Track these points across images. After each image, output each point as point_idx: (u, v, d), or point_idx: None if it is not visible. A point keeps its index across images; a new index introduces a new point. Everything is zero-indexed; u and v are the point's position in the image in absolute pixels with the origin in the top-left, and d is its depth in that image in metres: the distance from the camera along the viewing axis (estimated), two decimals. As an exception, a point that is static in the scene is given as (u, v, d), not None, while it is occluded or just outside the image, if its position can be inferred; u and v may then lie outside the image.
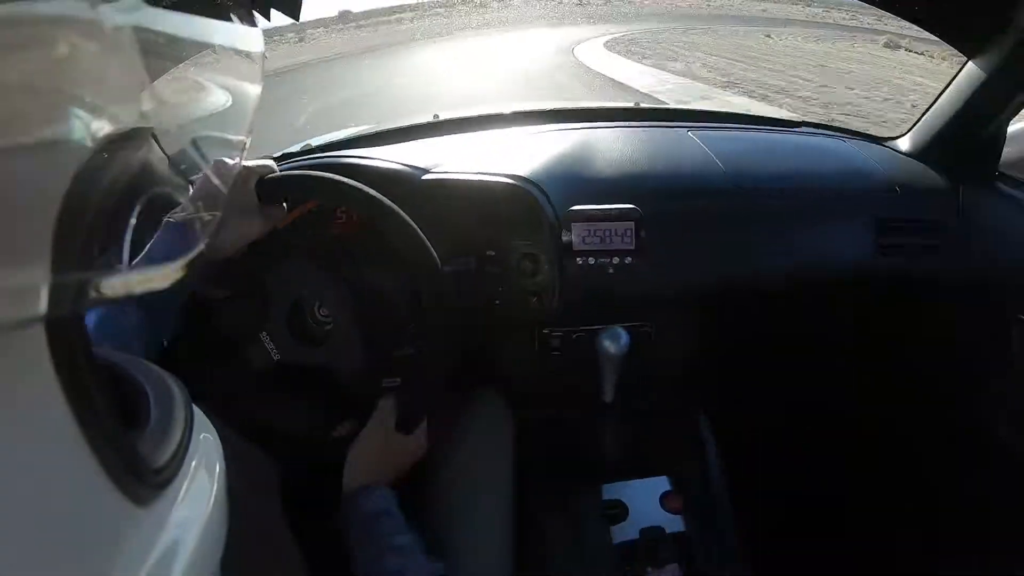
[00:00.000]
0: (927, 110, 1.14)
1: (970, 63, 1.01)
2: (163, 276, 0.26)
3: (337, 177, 0.75)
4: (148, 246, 0.61)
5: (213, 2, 0.35)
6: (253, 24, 0.38)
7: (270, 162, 0.77)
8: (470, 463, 0.88)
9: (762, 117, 1.41)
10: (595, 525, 0.89)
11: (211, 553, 0.33)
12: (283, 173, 0.76)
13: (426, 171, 0.96)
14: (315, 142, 1.16)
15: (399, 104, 7.21)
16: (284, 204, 0.79)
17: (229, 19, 0.36)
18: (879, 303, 1.17)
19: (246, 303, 0.82)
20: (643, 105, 1.38)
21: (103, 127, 0.23)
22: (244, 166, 0.73)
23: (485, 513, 0.84)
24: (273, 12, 0.85)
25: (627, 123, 1.18)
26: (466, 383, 0.96)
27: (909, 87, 8.06)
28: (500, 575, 0.80)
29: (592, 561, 0.86)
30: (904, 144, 1.20)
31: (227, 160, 0.63)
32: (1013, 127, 1.06)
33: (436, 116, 1.22)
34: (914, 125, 1.18)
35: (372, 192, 0.74)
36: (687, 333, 1.00)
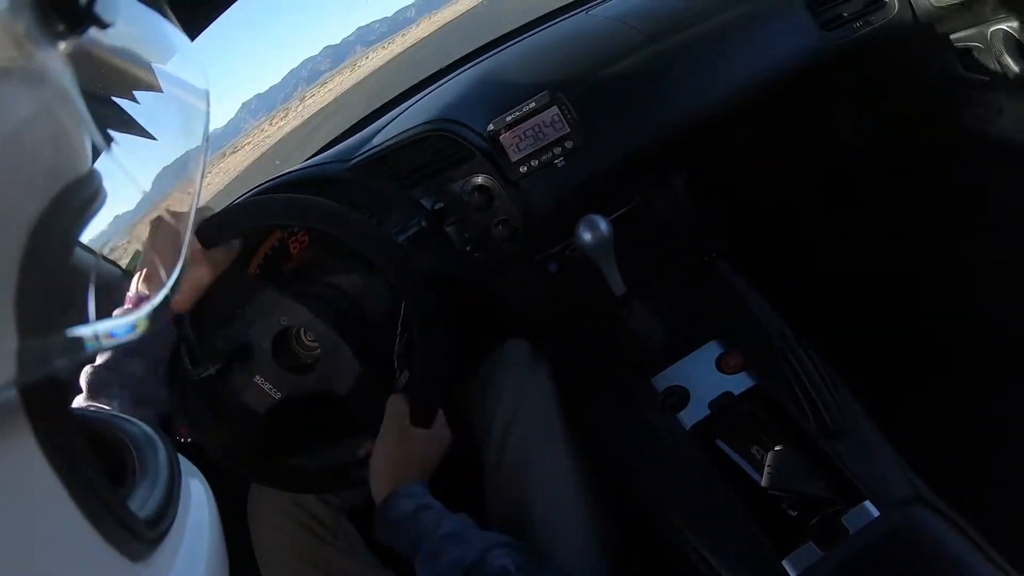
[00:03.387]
0: None
1: None
2: (130, 325, 0.25)
3: (259, 199, 0.72)
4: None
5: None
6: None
7: (234, 248, 0.75)
8: (515, 416, 0.81)
9: None
10: (662, 421, 0.81)
11: None
12: (218, 211, 0.73)
13: (347, 160, 0.92)
14: None
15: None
16: (233, 241, 0.76)
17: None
18: (850, 88, 1.08)
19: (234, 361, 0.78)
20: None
21: (53, 180, 0.22)
22: (212, 253, 0.71)
23: (549, 457, 0.77)
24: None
25: (524, 35, 1.13)
26: (490, 341, 0.90)
27: None
28: (585, 513, 0.73)
29: (675, 457, 0.78)
30: None
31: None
32: None
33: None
34: None
35: (296, 197, 0.71)
36: (674, 195, 0.93)
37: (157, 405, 0.71)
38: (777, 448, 0.74)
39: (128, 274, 0.72)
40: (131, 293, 0.70)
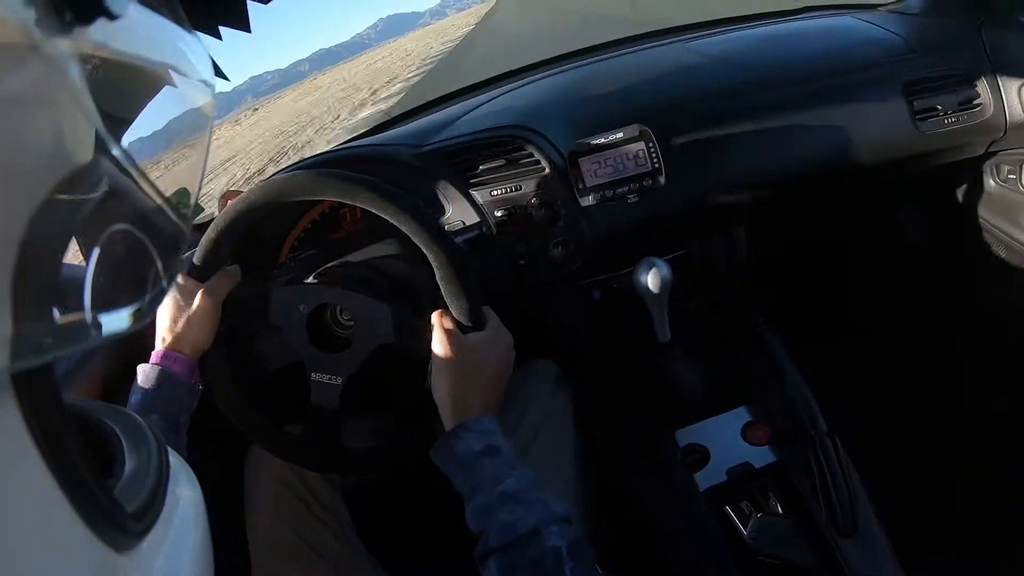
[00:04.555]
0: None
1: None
2: (122, 318, 0.25)
3: (313, 172, 0.68)
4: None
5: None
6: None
7: (233, 272, 0.72)
8: (534, 439, 0.80)
9: (761, 13, 1.29)
10: (678, 476, 0.81)
11: None
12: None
13: (418, 146, 0.89)
14: None
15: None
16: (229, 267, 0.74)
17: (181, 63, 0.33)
18: (925, 185, 1.07)
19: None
20: (632, 34, 1.28)
21: (56, 169, 0.22)
22: (210, 285, 0.70)
23: (559, 488, 0.77)
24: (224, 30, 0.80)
25: (618, 51, 1.09)
26: (520, 355, 0.89)
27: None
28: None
29: (686, 517, 0.78)
30: (913, 4, 1.09)
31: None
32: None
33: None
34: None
35: (353, 177, 0.67)
36: (733, 250, 0.92)
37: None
38: (780, 518, 0.76)
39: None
40: None
